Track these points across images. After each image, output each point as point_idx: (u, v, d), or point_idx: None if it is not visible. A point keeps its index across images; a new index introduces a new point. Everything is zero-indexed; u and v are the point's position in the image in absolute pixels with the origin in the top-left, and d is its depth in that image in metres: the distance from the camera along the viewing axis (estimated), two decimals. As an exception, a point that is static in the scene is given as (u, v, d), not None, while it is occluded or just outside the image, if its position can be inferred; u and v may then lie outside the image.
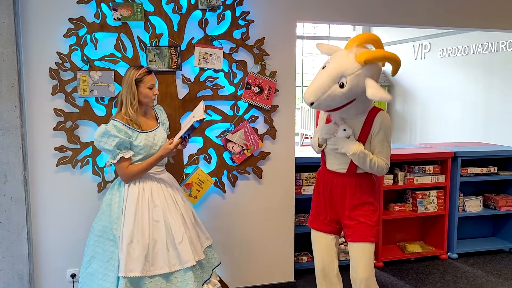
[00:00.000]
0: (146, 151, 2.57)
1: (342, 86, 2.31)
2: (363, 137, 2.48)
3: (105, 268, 2.49)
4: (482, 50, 6.36)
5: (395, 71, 2.49)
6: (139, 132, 2.56)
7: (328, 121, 2.62)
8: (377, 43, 2.44)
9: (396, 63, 2.41)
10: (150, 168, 2.58)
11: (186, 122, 2.70)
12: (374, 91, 2.27)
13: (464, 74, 6.76)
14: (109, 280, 2.46)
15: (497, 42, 6.08)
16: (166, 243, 2.52)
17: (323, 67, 2.40)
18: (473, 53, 6.54)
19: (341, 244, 3.77)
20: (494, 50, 6.16)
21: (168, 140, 2.70)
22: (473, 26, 3.87)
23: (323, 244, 2.67)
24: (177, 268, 2.51)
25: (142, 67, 2.60)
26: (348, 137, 2.47)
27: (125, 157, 2.51)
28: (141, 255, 2.45)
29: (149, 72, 2.60)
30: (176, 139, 2.59)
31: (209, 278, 2.75)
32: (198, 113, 2.61)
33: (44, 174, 3.00)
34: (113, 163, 2.53)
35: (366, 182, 2.56)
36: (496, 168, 4.26)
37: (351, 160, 2.48)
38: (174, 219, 2.56)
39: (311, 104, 2.36)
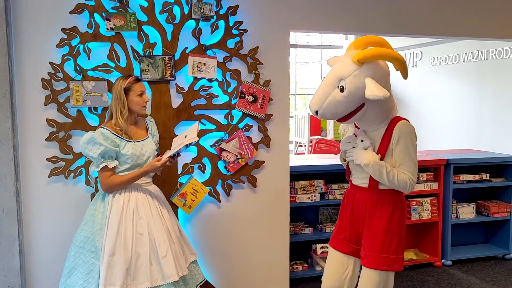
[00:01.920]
0: (133, 160, 2.54)
1: (342, 90, 2.21)
2: (382, 149, 2.31)
3: (84, 280, 2.41)
4: (473, 58, 6.42)
5: (402, 72, 2.31)
6: (127, 141, 2.53)
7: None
8: (380, 45, 2.32)
9: (396, 61, 2.26)
10: (133, 181, 2.54)
11: (177, 141, 2.67)
12: (369, 90, 2.14)
13: (456, 82, 6.83)
14: None
15: (487, 51, 6.15)
16: (150, 257, 2.46)
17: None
18: (464, 61, 6.60)
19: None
20: (484, 58, 6.23)
21: (156, 152, 2.69)
22: (463, 35, 3.91)
23: (335, 263, 2.50)
24: (159, 283, 2.45)
25: (130, 76, 2.60)
26: (367, 149, 2.33)
27: (109, 166, 2.47)
28: (122, 269, 2.39)
29: (137, 80, 2.59)
30: (165, 157, 2.55)
31: None
32: (191, 135, 2.56)
33: (37, 185, 2.97)
34: (96, 170, 2.50)
35: (389, 200, 2.35)
36: (488, 175, 4.29)
37: None
38: (159, 232, 2.51)
39: (316, 112, 2.28)
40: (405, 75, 2.33)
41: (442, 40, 6.67)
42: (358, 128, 2.44)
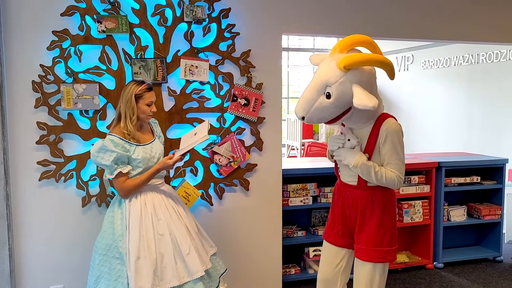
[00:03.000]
0: (145, 164, 2.54)
1: (328, 96, 2.19)
2: (369, 148, 2.31)
3: (113, 287, 2.43)
4: (463, 62, 6.47)
5: (389, 74, 2.27)
6: (137, 145, 2.53)
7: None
8: (367, 44, 2.29)
9: (382, 64, 2.22)
10: (147, 182, 2.55)
11: (186, 138, 2.66)
12: (357, 99, 2.12)
13: (447, 86, 6.87)
14: None
15: (477, 54, 6.21)
16: (174, 256, 2.49)
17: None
18: (455, 65, 6.65)
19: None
20: (475, 62, 6.28)
21: (163, 153, 2.69)
22: (453, 38, 3.94)
23: (329, 256, 2.55)
24: (187, 280, 2.49)
25: (143, 82, 2.57)
26: (354, 148, 2.33)
27: (123, 172, 2.48)
28: (150, 271, 2.42)
29: (150, 89, 2.58)
30: (177, 155, 2.56)
31: (217, 286, 2.72)
32: (201, 132, 2.56)
33: (27, 189, 2.94)
34: (111, 177, 2.49)
35: (379, 196, 2.37)
36: (479, 178, 4.32)
37: None
38: (179, 231, 2.54)
39: (303, 118, 2.27)
40: (391, 76, 2.29)
41: (433, 44, 6.72)
42: (344, 126, 2.43)
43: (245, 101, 3.21)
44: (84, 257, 2.92)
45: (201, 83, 3.15)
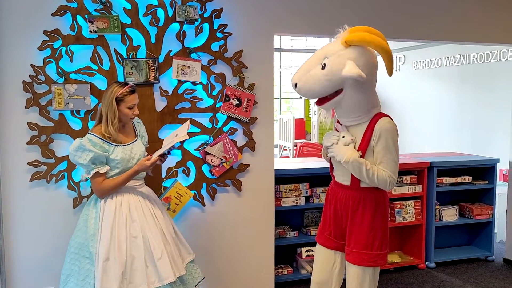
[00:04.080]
0: (123, 165, 2.52)
1: (323, 67, 2.23)
2: (363, 146, 2.30)
3: (81, 286, 2.41)
4: (454, 62, 6.51)
5: (388, 65, 2.26)
6: (116, 145, 2.51)
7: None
8: (376, 35, 2.24)
9: (383, 51, 2.20)
10: (125, 183, 2.53)
11: (168, 140, 2.66)
12: (346, 69, 2.14)
13: (438, 86, 6.91)
14: None
15: (468, 55, 6.25)
16: (145, 259, 2.45)
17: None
18: (446, 65, 6.69)
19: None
20: (466, 63, 6.32)
21: (146, 153, 2.67)
22: (445, 39, 3.96)
23: (322, 259, 2.53)
24: (157, 285, 2.44)
25: (126, 84, 2.55)
26: (348, 145, 2.32)
27: (100, 172, 2.46)
28: (118, 273, 2.39)
29: (132, 91, 2.55)
30: (155, 156, 2.54)
31: None
32: (181, 133, 2.56)
33: (17, 190, 2.92)
34: (88, 177, 2.47)
35: (371, 198, 2.35)
36: (470, 178, 4.34)
37: None
38: (153, 234, 2.51)
39: (296, 85, 2.30)
40: (389, 70, 2.28)
41: (425, 44, 6.76)
42: (341, 124, 2.43)
43: (238, 102, 3.21)
44: (76, 258, 2.90)
45: (193, 83, 3.14)
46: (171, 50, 3.07)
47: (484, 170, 4.43)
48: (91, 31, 2.88)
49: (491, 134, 5.90)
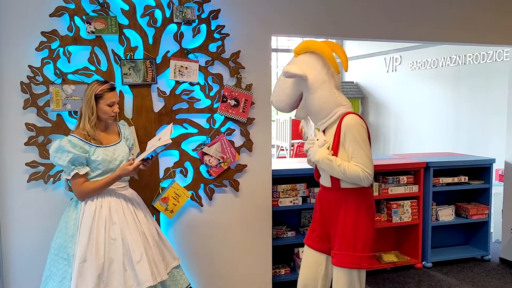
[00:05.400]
0: (105, 166, 2.51)
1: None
2: (335, 146, 2.36)
3: None
4: (450, 63, 6.55)
5: (343, 64, 2.46)
6: (97, 146, 2.50)
7: None
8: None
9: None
10: (106, 187, 2.51)
11: (151, 143, 2.65)
12: (285, 68, 2.39)
13: (434, 86, 6.94)
14: None
15: (464, 55, 6.28)
16: (123, 262, 2.43)
17: None
18: (442, 66, 6.72)
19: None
20: (462, 63, 6.36)
21: (131, 156, 2.66)
22: (442, 40, 3.98)
23: (309, 261, 2.55)
24: None
25: (106, 82, 2.55)
26: (322, 146, 2.39)
27: (80, 173, 2.44)
28: (94, 275, 2.36)
29: (112, 89, 2.55)
30: (137, 161, 2.53)
31: None
32: (164, 137, 2.54)
33: (15, 191, 2.92)
34: (68, 179, 2.46)
35: (352, 198, 2.38)
36: (467, 178, 4.36)
37: None
38: (133, 237, 2.48)
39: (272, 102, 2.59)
40: (345, 66, 2.46)
41: (421, 45, 6.79)
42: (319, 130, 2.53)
43: (235, 102, 3.22)
44: (74, 259, 2.90)
45: (191, 84, 3.15)
46: (168, 51, 3.08)
47: (480, 170, 4.46)
48: (88, 32, 2.89)
49: (487, 134, 5.94)
